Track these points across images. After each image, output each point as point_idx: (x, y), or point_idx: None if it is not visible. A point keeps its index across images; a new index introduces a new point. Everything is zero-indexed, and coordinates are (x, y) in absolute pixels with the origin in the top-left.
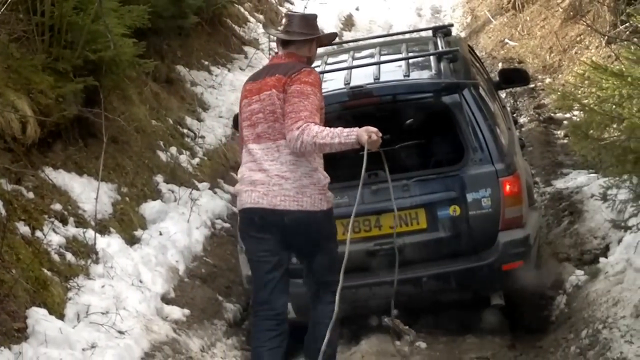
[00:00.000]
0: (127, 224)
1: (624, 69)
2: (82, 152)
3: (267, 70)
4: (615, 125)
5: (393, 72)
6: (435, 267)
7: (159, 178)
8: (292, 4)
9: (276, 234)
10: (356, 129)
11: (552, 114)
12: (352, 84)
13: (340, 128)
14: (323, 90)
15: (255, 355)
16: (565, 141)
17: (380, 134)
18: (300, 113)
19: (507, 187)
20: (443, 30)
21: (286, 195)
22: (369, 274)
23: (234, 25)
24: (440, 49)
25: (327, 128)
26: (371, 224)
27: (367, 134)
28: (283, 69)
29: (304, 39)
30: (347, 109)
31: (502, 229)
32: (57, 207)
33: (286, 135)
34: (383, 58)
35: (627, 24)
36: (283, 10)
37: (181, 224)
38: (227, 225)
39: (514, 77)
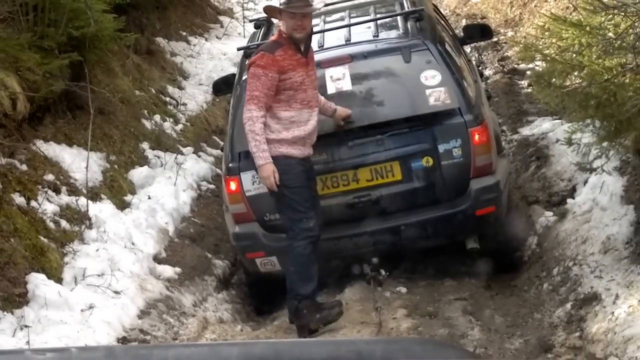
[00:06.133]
0: (117, 190)
1: (582, 19)
2: (71, 124)
3: None
4: (576, 73)
5: (363, 33)
6: (412, 216)
7: (145, 145)
8: None
9: None
10: (269, 159)
11: (515, 65)
12: (325, 46)
13: (264, 144)
14: None
15: None
16: (529, 90)
17: (275, 183)
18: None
19: (476, 137)
20: None
21: None
22: (349, 226)
23: None
24: (406, 9)
25: (261, 131)
26: (349, 178)
27: (267, 174)
28: None
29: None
30: (321, 69)
31: (473, 176)
32: (50, 177)
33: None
34: (353, 20)
35: None
36: None
37: (168, 187)
38: (212, 186)
39: (478, 32)
